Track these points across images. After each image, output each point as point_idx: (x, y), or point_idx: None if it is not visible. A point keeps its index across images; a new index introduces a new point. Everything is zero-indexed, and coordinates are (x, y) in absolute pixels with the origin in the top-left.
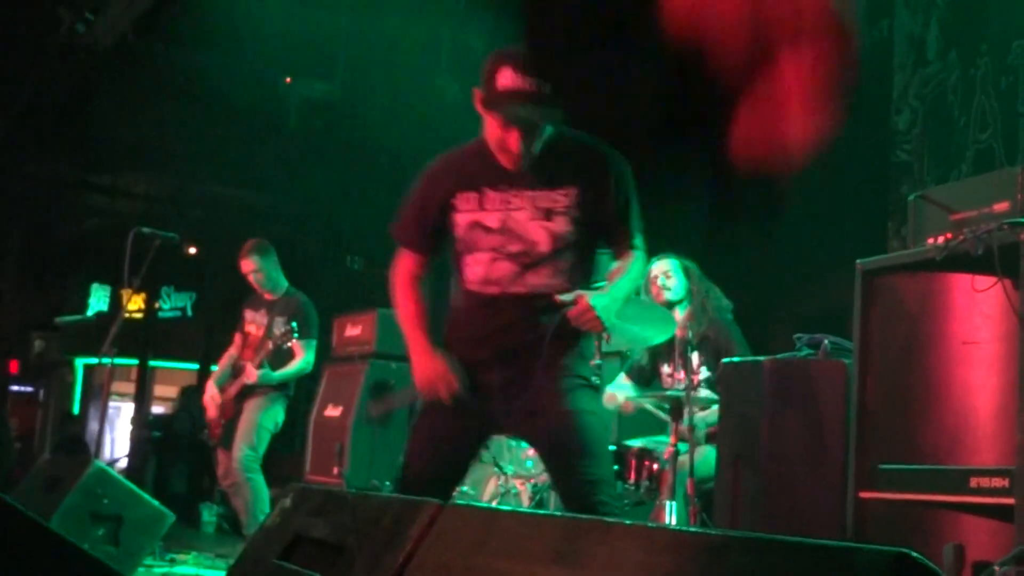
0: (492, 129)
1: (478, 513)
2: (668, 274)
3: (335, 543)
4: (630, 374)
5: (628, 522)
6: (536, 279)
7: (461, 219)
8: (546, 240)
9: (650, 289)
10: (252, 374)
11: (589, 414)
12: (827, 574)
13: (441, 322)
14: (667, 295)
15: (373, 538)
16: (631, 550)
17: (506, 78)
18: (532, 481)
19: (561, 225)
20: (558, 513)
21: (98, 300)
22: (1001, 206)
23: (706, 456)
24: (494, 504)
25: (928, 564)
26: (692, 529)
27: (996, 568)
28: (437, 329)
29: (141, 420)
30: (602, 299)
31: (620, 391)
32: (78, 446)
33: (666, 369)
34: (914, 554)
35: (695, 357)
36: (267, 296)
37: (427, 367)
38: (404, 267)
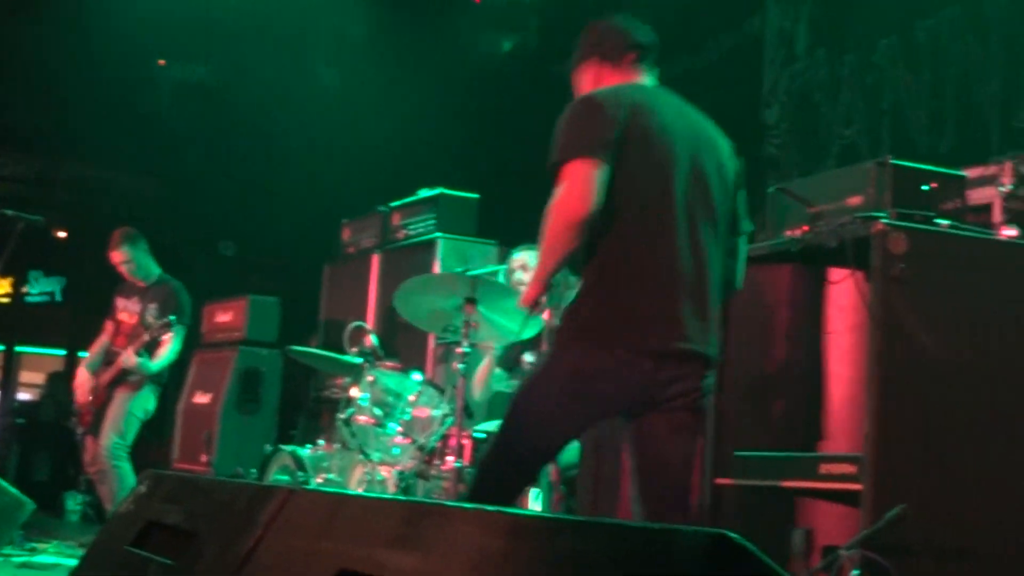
0: None
1: (326, 498)
2: (525, 267)
3: (188, 529)
4: (501, 364)
5: (468, 506)
6: None
7: None
8: None
9: (510, 284)
10: (131, 360)
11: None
12: (650, 555)
13: None
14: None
15: (225, 524)
16: (470, 533)
17: None
18: (399, 468)
19: None
20: (402, 498)
21: None
22: (855, 200)
23: (571, 444)
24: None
25: (746, 545)
26: (527, 513)
27: (843, 552)
28: None
29: (6, 407)
30: None
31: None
32: None
33: (527, 358)
34: (732, 535)
35: None
36: (139, 284)
37: None
38: None
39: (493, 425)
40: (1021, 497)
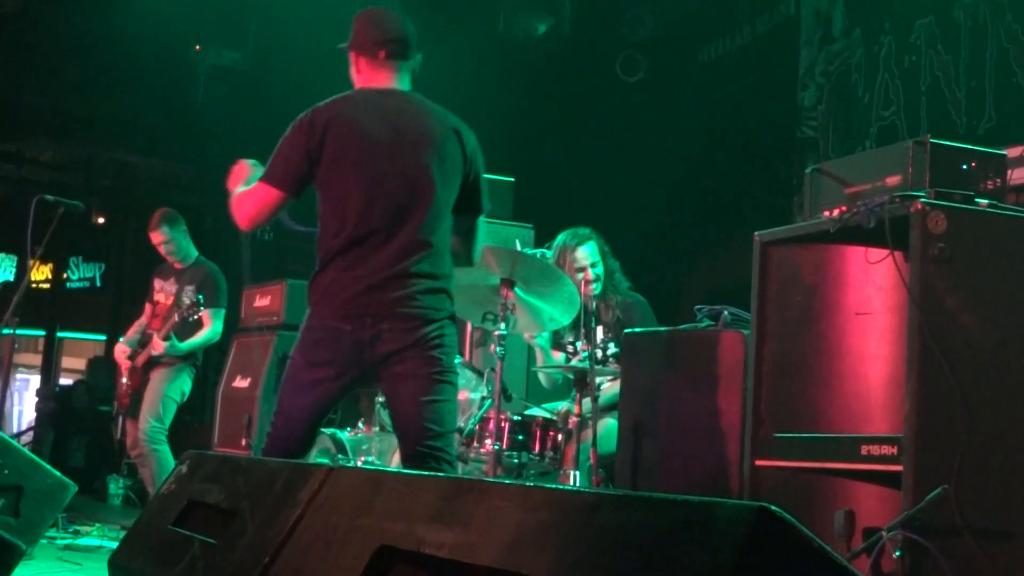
0: None
1: (365, 475)
2: (595, 263)
3: (229, 508)
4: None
5: (508, 482)
6: None
7: None
8: None
9: (573, 275)
10: (159, 345)
11: None
12: (691, 527)
13: None
14: (593, 287)
15: (265, 502)
16: (509, 509)
17: None
18: None
19: None
20: (441, 475)
21: (4, 270)
22: (894, 179)
23: (610, 427)
24: None
25: (786, 517)
26: (567, 488)
27: (884, 533)
28: None
29: (47, 392)
30: None
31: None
32: None
33: (570, 338)
34: (773, 508)
35: (599, 331)
36: (177, 265)
37: None
38: None
39: (547, 411)
40: None
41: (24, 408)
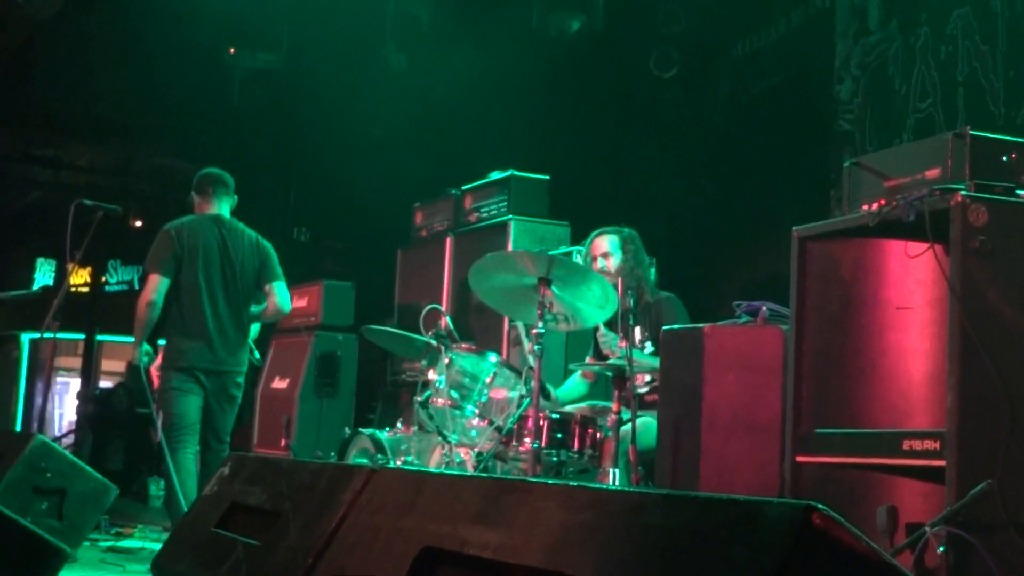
0: None
1: (408, 476)
2: (608, 254)
3: (271, 510)
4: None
5: (550, 482)
6: None
7: None
8: None
9: (595, 265)
10: None
11: None
12: (738, 527)
13: None
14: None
15: (308, 504)
16: (552, 509)
17: None
18: (477, 450)
19: None
20: (484, 475)
21: (44, 274)
22: (933, 172)
23: (649, 424)
24: None
25: (834, 516)
26: (610, 487)
27: (927, 528)
28: None
29: (87, 395)
30: None
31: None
32: None
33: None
34: (820, 506)
35: (637, 331)
36: None
37: None
38: None
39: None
40: None
41: (64, 411)
